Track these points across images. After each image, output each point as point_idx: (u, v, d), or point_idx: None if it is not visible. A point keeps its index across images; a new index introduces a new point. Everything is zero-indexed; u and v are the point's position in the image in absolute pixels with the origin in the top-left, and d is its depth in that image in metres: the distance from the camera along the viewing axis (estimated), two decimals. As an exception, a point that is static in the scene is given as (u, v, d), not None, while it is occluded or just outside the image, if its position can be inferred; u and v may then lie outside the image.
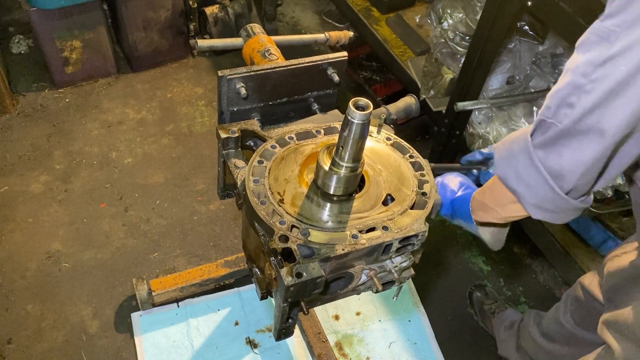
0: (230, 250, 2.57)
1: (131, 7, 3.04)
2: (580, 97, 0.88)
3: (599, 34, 0.87)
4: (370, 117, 1.05)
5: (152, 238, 2.57)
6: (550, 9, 1.93)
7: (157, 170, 2.85)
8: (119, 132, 3.00)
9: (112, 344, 2.23)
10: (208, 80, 3.36)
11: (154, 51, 3.30)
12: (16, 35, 3.36)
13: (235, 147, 1.38)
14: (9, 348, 2.17)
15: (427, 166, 1.34)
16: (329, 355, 2.08)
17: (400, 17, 3.19)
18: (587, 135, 0.89)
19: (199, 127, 3.09)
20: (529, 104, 2.54)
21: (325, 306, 2.37)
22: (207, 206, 2.73)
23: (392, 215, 1.21)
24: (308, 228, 1.15)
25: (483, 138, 2.57)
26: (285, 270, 1.06)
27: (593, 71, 0.86)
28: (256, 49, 1.74)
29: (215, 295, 2.37)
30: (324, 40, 2.39)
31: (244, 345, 2.25)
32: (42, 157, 2.83)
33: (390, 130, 1.45)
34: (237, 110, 1.49)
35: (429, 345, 2.34)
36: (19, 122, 2.98)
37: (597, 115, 0.87)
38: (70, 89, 3.17)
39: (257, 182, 1.23)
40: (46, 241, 2.51)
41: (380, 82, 3.43)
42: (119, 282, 2.40)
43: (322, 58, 1.50)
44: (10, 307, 2.29)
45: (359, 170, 1.17)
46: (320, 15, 3.97)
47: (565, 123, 0.91)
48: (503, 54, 2.60)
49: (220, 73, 1.40)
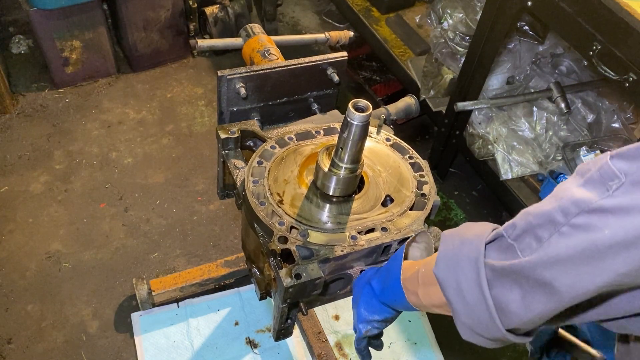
0: (230, 250, 2.57)
1: (131, 7, 3.03)
2: (552, 237, 0.73)
3: (602, 172, 0.70)
4: (369, 118, 1.05)
5: (152, 238, 2.57)
6: (550, 9, 1.93)
7: (157, 170, 2.85)
8: (119, 132, 3.00)
9: (112, 344, 2.23)
10: (208, 80, 3.35)
11: (154, 51, 3.30)
12: (16, 35, 3.36)
13: (235, 148, 1.38)
14: (9, 348, 2.17)
15: (426, 167, 1.34)
16: (329, 355, 2.08)
17: (400, 17, 3.19)
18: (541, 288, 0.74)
19: (199, 127, 3.09)
20: (529, 104, 2.54)
21: (325, 306, 2.37)
22: (207, 206, 2.73)
23: (391, 217, 1.21)
24: (307, 229, 1.15)
25: (483, 138, 2.57)
26: (284, 272, 1.06)
27: (577, 214, 0.70)
28: (256, 49, 1.74)
29: (215, 295, 2.37)
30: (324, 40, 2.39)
31: (244, 345, 2.25)
32: (42, 157, 2.83)
33: (390, 131, 1.45)
34: (236, 111, 1.49)
35: (429, 345, 2.34)
36: (19, 122, 2.98)
37: (557, 272, 0.72)
38: (70, 89, 3.17)
39: (257, 183, 1.23)
40: (46, 241, 2.51)
41: (380, 82, 3.43)
42: (119, 282, 2.40)
43: (322, 58, 1.50)
44: (10, 307, 2.29)
45: (359, 171, 1.17)
46: (320, 15, 3.97)
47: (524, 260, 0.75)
48: (503, 54, 2.60)
49: (219, 73, 1.40)
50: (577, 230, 0.70)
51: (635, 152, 0.68)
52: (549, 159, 2.49)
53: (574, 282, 0.70)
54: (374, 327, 1.14)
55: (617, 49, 1.72)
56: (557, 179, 2.45)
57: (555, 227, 0.72)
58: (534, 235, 0.75)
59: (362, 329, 1.14)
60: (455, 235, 0.90)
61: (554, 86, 2.46)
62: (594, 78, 2.58)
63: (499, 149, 2.51)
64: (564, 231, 0.71)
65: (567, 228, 0.71)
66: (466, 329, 0.87)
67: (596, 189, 0.70)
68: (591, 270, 0.69)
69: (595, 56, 1.79)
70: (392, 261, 1.08)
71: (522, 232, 0.77)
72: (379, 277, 1.11)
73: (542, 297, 0.75)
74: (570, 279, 0.71)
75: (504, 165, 2.51)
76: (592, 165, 0.73)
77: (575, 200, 0.71)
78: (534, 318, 0.77)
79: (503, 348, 2.40)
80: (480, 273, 0.81)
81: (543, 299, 0.74)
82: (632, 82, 1.70)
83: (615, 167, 0.68)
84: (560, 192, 0.75)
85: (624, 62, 1.71)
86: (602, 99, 2.56)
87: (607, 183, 0.68)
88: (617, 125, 2.50)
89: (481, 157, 2.61)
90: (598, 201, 0.68)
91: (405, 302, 1.02)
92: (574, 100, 2.54)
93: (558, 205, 0.73)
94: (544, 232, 0.74)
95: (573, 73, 2.64)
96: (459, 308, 0.86)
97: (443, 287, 0.88)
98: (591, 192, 0.70)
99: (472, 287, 0.82)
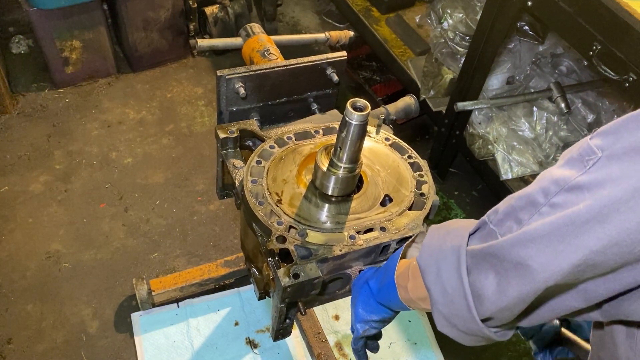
0: (230, 250, 2.57)
1: (131, 7, 3.04)
2: (532, 217, 0.73)
3: (582, 151, 0.70)
4: (368, 118, 1.05)
5: (152, 238, 2.57)
6: (550, 9, 1.92)
7: (157, 170, 2.85)
8: (119, 132, 3.01)
9: (112, 344, 2.23)
10: (208, 80, 3.36)
11: (154, 51, 3.30)
12: (16, 35, 3.36)
13: (234, 147, 1.38)
14: (9, 348, 2.17)
15: (425, 166, 1.34)
16: (329, 355, 2.08)
17: (400, 17, 3.19)
18: (516, 269, 0.73)
19: (198, 127, 3.09)
20: (529, 104, 2.54)
21: (325, 306, 2.37)
22: (207, 206, 2.73)
23: (390, 216, 1.20)
24: (306, 229, 1.14)
25: (483, 138, 2.57)
26: (282, 271, 1.06)
27: (556, 193, 0.71)
28: (256, 48, 1.73)
29: (215, 295, 2.37)
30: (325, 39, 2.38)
31: (244, 345, 2.25)
32: (42, 157, 2.83)
33: (389, 131, 1.44)
34: (236, 110, 1.49)
35: (429, 345, 2.34)
36: (19, 122, 2.98)
37: (532, 250, 0.71)
38: (70, 89, 3.17)
39: (255, 183, 1.23)
40: (46, 241, 2.51)
41: (380, 82, 3.43)
42: (119, 282, 2.40)
43: (321, 58, 1.50)
44: (10, 307, 2.29)
45: (357, 171, 1.17)
46: (320, 15, 3.97)
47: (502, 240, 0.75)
48: (503, 54, 2.60)
49: (219, 73, 1.40)
50: (556, 209, 0.70)
51: (612, 127, 0.69)
52: (549, 159, 2.49)
53: (549, 261, 0.70)
54: (371, 327, 1.14)
55: (617, 49, 1.72)
56: (557, 179, 2.45)
57: (536, 208, 0.73)
58: (514, 218, 0.76)
59: (359, 328, 1.14)
60: (441, 228, 0.91)
61: (554, 86, 2.46)
62: (594, 78, 2.58)
63: (499, 149, 2.51)
64: (543, 211, 0.72)
65: (547, 208, 0.71)
66: (443, 319, 0.88)
67: (575, 167, 0.70)
68: (566, 247, 0.68)
69: (595, 56, 1.79)
70: (390, 261, 1.08)
71: (504, 216, 0.78)
72: (377, 277, 1.11)
73: (516, 279, 0.74)
74: (546, 257, 0.70)
75: (504, 165, 2.50)
76: (574, 147, 0.73)
77: (556, 180, 0.71)
78: (508, 304, 0.77)
79: (503, 348, 2.40)
80: (461, 260, 0.81)
81: (517, 281, 0.74)
82: (632, 82, 1.70)
83: (593, 144, 0.69)
84: (543, 174, 0.75)
85: (624, 62, 1.71)
86: (602, 99, 2.55)
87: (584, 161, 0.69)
88: (617, 125, 2.49)
89: (481, 157, 2.60)
90: (576, 178, 0.69)
91: (399, 300, 1.02)
92: (574, 100, 2.54)
93: (539, 187, 0.73)
94: (524, 214, 0.74)
95: (573, 73, 2.64)
96: (437, 296, 0.86)
97: (424, 275, 0.89)
98: (571, 170, 0.70)
99: (451, 274, 0.83)
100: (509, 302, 0.76)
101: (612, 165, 0.66)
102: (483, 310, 0.80)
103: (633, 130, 0.66)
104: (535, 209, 0.73)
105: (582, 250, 0.67)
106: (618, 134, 0.67)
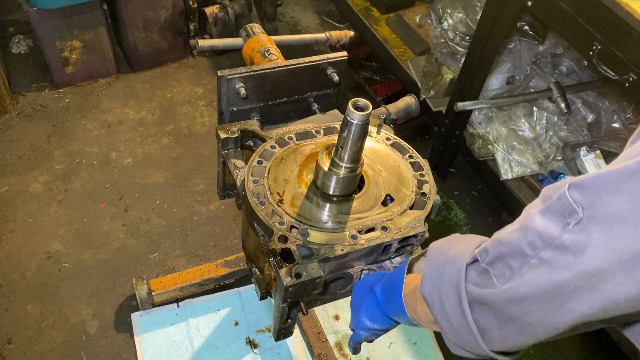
0: (230, 250, 2.57)
1: (131, 7, 3.04)
2: (522, 267, 0.73)
3: (561, 203, 0.68)
4: (369, 117, 1.05)
5: (152, 238, 2.57)
6: (550, 9, 1.93)
7: (157, 170, 2.85)
8: (119, 132, 3.00)
9: (112, 344, 2.23)
10: (208, 80, 3.36)
11: (154, 51, 3.30)
12: (16, 35, 3.36)
13: (235, 147, 1.38)
14: (9, 348, 2.17)
15: (426, 166, 1.34)
16: (329, 355, 2.08)
17: (400, 17, 3.19)
18: (514, 322, 0.75)
19: (199, 127, 3.09)
20: (529, 104, 2.54)
21: (325, 306, 2.37)
22: (207, 206, 2.73)
23: (392, 216, 1.20)
24: (307, 228, 1.14)
25: (483, 138, 2.57)
26: (284, 271, 1.06)
27: (543, 248, 0.70)
28: (256, 48, 1.73)
29: (215, 295, 2.37)
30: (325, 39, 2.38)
31: (244, 345, 2.25)
32: (42, 157, 2.83)
33: (390, 130, 1.45)
34: (236, 110, 1.49)
35: (429, 345, 2.34)
36: (19, 122, 2.98)
37: (527, 308, 0.73)
38: (70, 89, 3.17)
39: (257, 183, 1.23)
40: (46, 241, 2.51)
41: (380, 82, 3.43)
42: (119, 282, 2.40)
43: (321, 58, 1.50)
44: (10, 307, 2.29)
45: (358, 170, 1.17)
46: (320, 15, 3.97)
47: (497, 291, 0.76)
48: (503, 54, 2.60)
49: (219, 73, 1.40)
50: (544, 265, 0.70)
51: (591, 183, 0.66)
52: (549, 159, 2.49)
53: (544, 319, 0.72)
54: (374, 334, 1.16)
55: (617, 49, 1.72)
56: (557, 178, 2.45)
57: (525, 259, 0.73)
58: (505, 264, 0.76)
59: (362, 335, 1.16)
60: (439, 253, 0.90)
61: (554, 86, 2.46)
62: (594, 78, 2.58)
63: (499, 149, 2.51)
64: (533, 263, 0.72)
65: (536, 261, 0.71)
66: (455, 346, 0.89)
67: (557, 221, 0.69)
68: (558, 310, 0.70)
69: (595, 56, 1.79)
70: (395, 275, 1.08)
71: (494, 259, 0.78)
72: (382, 288, 1.11)
73: (515, 331, 0.76)
74: (541, 316, 0.72)
75: (504, 165, 2.51)
76: (552, 191, 0.72)
77: (540, 234, 0.71)
78: (514, 347, 0.79)
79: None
80: (462, 296, 0.82)
81: (517, 332, 0.76)
82: (632, 82, 1.70)
83: (572, 199, 0.67)
84: (526, 219, 0.75)
85: (624, 62, 1.71)
86: (602, 99, 2.56)
87: (566, 217, 0.67)
88: (617, 125, 2.50)
89: (481, 157, 2.61)
90: (561, 236, 0.68)
91: (408, 318, 1.03)
92: (574, 100, 2.54)
93: (525, 238, 0.73)
94: (514, 262, 0.74)
95: (573, 73, 2.64)
96: (445, 327, 0.87)
97: (429, 306, 0.90)
98: (553, 224, 0.69)
99: (455, 309, 0.84)
100: (515, 346, 0.79)
101: (592, 229, 0.65)
102: (492, 346, 0.82)
103: (611, 193, 0.64)
104: (524, 260, 0.73)
105: (574, 313, 0.69)
106: (597, 195, 0.65)
